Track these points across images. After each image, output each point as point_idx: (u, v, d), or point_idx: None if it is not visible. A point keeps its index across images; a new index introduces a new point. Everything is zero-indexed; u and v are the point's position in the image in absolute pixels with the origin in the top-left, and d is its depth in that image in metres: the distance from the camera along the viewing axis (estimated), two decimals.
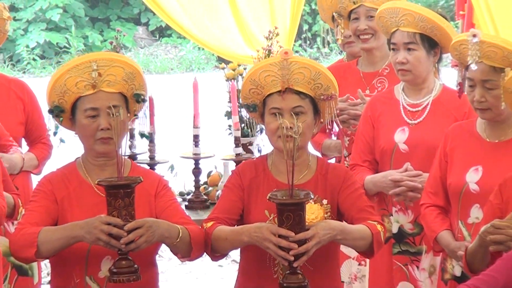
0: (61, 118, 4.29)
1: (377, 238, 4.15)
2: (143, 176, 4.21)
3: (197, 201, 5.90)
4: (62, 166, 4.42)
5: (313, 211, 4.26)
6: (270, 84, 4.33)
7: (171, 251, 4.33)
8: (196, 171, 5.91)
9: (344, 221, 4.27)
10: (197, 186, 5.96)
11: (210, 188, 6.13)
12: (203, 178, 6.07)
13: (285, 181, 4.11)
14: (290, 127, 4.07)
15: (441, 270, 4.96)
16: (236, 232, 4.23)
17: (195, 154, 5.87)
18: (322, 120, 4.34)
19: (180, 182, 6.21)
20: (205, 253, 4.29)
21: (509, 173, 4.17)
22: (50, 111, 4.30)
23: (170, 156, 6.31)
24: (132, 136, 6.00)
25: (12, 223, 5.41)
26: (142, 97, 4.39)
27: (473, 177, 4.50)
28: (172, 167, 6.27)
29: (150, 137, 5.87)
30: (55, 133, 4.41)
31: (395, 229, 5.17)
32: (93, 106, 4.17)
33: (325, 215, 4.26)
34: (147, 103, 4.45)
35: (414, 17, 4.95)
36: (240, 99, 4.73)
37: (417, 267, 5.26)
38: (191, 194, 6.02)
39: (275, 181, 4.37)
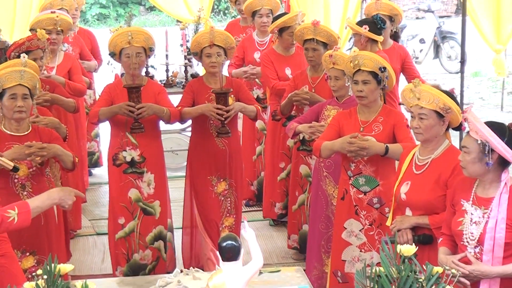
0: (114, 57, 7.17)
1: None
2: (152, 84, 7.33)
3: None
4: (113, 81, 7.57)
5: (231, 101, 7.15)
6: (204, 43, 7.20)
7: (162, 120, 7.10)
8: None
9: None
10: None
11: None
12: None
13: (214, 87, 7.18)
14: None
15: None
16: (195, 109, 7.15)
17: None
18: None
19: None
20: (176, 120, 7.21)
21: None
22: (110, 54, 7.18)
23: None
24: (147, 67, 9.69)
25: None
26: (152, 48, 7.21)
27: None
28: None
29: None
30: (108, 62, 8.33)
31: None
32: (128, 52, 6.99)
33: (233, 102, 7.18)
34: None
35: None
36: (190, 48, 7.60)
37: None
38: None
39: (208, 88, 7.23)
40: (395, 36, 8.94)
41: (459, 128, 5.35)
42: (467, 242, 4.71)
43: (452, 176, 5.13)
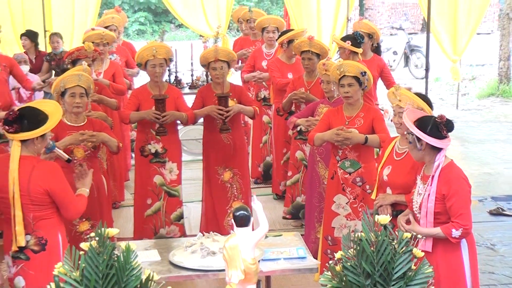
0: (141, 67, 7.12)
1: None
2: (172, 90, 7.19)
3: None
4: (140, 86, 7.29)
5: (232, 104, 7.05)
6: (210, 58, 7.03)
7: (181, 123, 7.15)
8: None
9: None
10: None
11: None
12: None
13: (218, 92, 7.04)
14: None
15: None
16: (202, 110, 7.09)
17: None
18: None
19: None
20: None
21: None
22: (138, 65, 7.15)
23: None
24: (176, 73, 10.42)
25: None
26: (172, 59, 7.22)
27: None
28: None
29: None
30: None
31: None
32: (153, 63, 6.93)
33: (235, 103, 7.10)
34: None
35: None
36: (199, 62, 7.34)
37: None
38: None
39: (213, 92, 7.09)
40: (377, 50, 8.97)
41: None
42: (414, 208, 4.82)
43: None
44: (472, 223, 4.65)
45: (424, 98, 5.28)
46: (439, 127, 4.63)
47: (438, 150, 4.67)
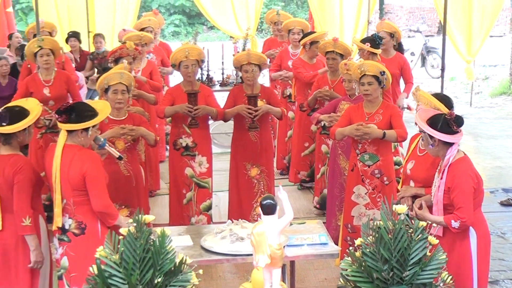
0: (174, 68, 7.05)
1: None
2: (204, 88, 7.09)
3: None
4: (175, 85, 7.23)
5: (261, 104, 6.94)
6: (242, 61, 6.94)
7: (211, 117, 7.04)
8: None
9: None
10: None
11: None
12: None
13: (249, 92, 6.96)
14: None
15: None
16: (231, 109, 6.98)
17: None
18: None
19: None
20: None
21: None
22: (172, 65, 7.09)
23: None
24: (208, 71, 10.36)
25: None
26: (203, 60, 7.14)
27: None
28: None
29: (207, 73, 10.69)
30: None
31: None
32: (186, 64, 6.85)
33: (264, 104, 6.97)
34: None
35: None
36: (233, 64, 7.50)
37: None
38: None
39: (244, 93, 7.01)
40: (400, 49, 9.01)
41: None
42: (432, 197, 4.85)
43: None
44: (471, 216, 4.62)
45: (445, 98, 5.25)
46: (449, 123, 4.65)
47: (451, 144, 4.67)
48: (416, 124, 5.04)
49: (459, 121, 4.68)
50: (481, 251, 4.75)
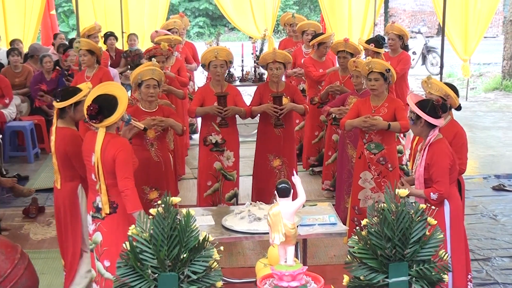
0: (204, 68, 6.81)
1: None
2: (231, 88, 6.87)
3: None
4: (204, 85, 7.33)
5: (285, 101, 6.82)
6: (268, 59, 6.79)
7: (239, 117, 6.84)
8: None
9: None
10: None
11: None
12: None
13: (274, 90, 6.84)
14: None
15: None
16: (258, 107, 6.85)
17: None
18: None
19: None
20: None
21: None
22: (202, 65, 6.87)
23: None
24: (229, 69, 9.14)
25: None
26: (232, 61, 6.92)
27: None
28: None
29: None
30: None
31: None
32: (215, 64, 6.64)
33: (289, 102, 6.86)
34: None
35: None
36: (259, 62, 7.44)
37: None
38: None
39: (271, 91, 6.89)
40: (406, 48, 9.09)
41: (458, 108, 5.49)
42: (414, 173, 4.99)
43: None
44: (447, 189, 4.77)
45: (452, 87, 5.37)
46: (436, 108, 4.77)
47: (433, 127, 4.79)
48: (407, 104, 5.08)
49: (444, 107, 4.86)
50: (454, 221, 4.85)
